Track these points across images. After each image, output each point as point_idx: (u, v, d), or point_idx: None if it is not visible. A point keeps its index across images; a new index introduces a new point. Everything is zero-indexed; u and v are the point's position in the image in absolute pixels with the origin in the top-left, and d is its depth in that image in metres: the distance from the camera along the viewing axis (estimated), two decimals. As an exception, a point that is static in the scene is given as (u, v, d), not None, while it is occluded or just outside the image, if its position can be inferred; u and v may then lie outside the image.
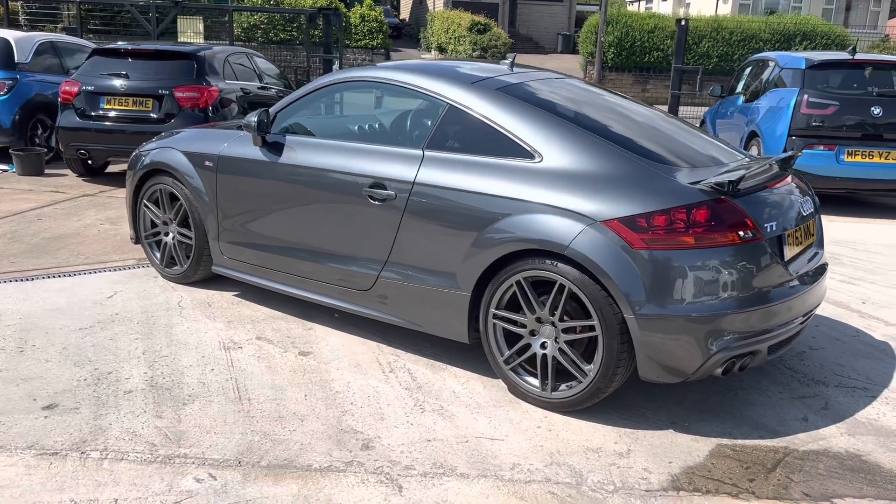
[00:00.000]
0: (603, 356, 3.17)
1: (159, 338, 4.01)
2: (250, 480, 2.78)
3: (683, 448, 3.15)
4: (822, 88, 7.71)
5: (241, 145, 4.34)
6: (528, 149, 3.44)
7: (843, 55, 8.12)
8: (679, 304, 3.06)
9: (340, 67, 11.69)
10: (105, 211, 6.87)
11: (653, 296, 3.06)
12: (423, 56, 33.57)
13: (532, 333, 3.40)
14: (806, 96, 7.61)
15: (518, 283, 3.35)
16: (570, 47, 33.88)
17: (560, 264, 3.22)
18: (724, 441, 3.22)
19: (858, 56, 8.03)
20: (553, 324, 3.32)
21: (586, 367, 3.24)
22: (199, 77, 8.02)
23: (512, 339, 3.50)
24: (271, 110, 4.25)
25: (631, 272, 3.07)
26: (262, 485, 2.76)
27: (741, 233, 3.12)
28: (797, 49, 23.08)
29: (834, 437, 3.29)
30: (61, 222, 6.36)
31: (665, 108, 22.75)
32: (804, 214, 3.56)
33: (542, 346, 3.38)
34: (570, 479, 2.88)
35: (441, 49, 31.22)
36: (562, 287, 3.24)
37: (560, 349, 3.32)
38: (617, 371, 3.18)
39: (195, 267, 4.70)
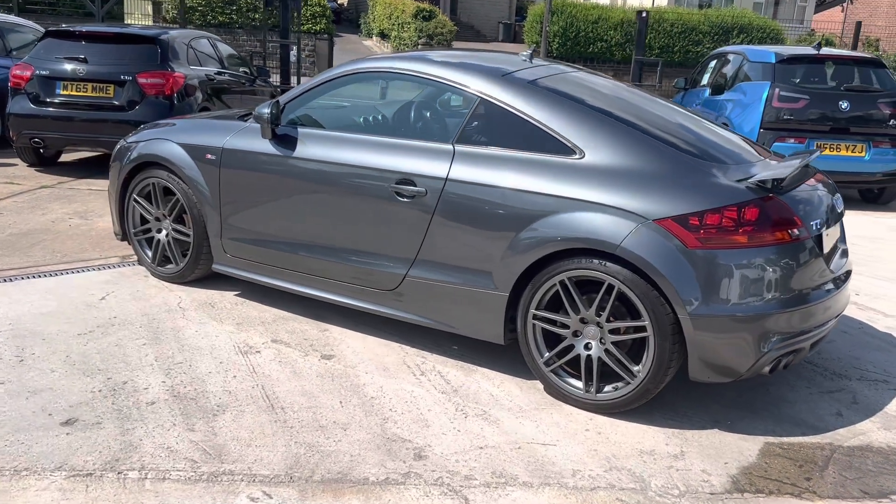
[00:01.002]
0: (654, 357, 3.12)
1: (168, 343, 3.78)
2: (308, 497, 2.63)
3: (734, 448, 3.13)
4: (792, 83, 7.87)
5: (247, 138, 4.12)
6: (569, 145, 3.35)
7: (810, 50, 8.29)
8: (733, 304, 3.03)
9: (299, 54, 11.37)
10: (70, 204, 6.48)
11: (707, 295, 3.02)
12: (364, 42, 33.10)
13: (575, 334, 3.32)
14: (777, 90, 7.75)
15: (562, 282, 3.27)
16: (512, 36, 33.94)
17: (609, 264, 3.15)
18: (771, 439, 3.21)
19: (824, 51, 8.22)
20: (599, 324, 3.25)
21: (635, 368, 3.19)
22: (163, 62, 7.66)
23: (550, 339, 3.42)
24: (280, 101, 4.04)
25: (686, 272, 3.03)
26: (321, 502, 2.61)
27: (791, 231, 3.10)
28: (734, 42, 23.64)
29: (871, 432, 3.33)
30: (26, 217, 5.97)
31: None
32: (837, 212, 3.58)
33: (586, 346, 3.31)
34: (633, 484, 2.83)
35: (383, 35, 30.85)
36: (610, 287, 3.17)
37: (606, 350, 3.25)
38: (668, 372, 3.14)
39: (193, 265, 4.46)
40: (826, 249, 3.37)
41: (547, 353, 3.39)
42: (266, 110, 3.88)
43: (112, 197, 4.75)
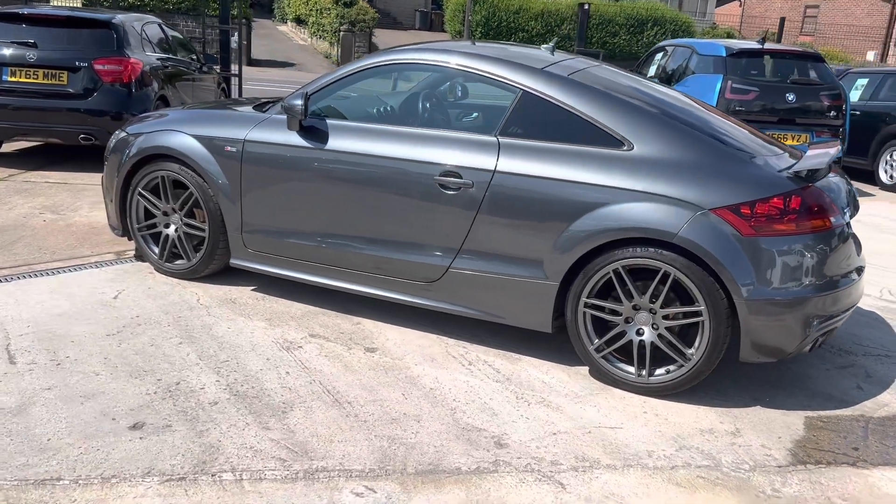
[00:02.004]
0: (709, 340, 3.28)
1: (205, 341, 3.68)
2: (410, 490, 2.65)
3: (780, 423, 3.33)
4: (743, 75, 8.26)
5: (271, 130, 4.04)
6: (617, 137, 3.45)
7: (754, 45, 8.72)
8: (783, 288, 3.22)
9: (240, 39, 11.05)
10: (34, 197, 6.15)
11: (761, 280, 3.19)
12: (279, 28, 32.39)
13: (627, 321, 3.44)
14: (730, 82, 8.13)
15: (616, 271, 3.38)
16: (428, 24, 33.95)
17: (665, 252, 3.28)
18: (810, 413, 3.43)
19: (767, 46, 8.66)
20: (651, 310, 3.38)
21: (689, 352, 3.33)
22: (119, 48, 7.33)
23: (599, 326, 3.53)
24: (306, 92, 3.98)
25: (741, 258, 3.19)
26: (427, 494, 2.64)
27: (829, 218, 3.31)
28: (649, 34, 24.51)
29: (893, 403, 3.60)
30: (-8, 212, 5.63)
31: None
32: (856, 202, 3.83)
33: (638, 332, 3.43)
34: (706, 461, 2.97)
35: (299, 21, 30.29)
36: (666, 274, 3.30)
37: (659, 335, 3.39)
38: (720, 354, 3.30)
39: (207, 261, 4.34)
40: (853, 235, 3.61)
41: (597, 340, 3.49)
42: (298, 102, 3.82)
43: (111, 191, 4.55)
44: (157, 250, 4.49)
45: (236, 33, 11.19)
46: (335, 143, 3.87)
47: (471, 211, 3.59)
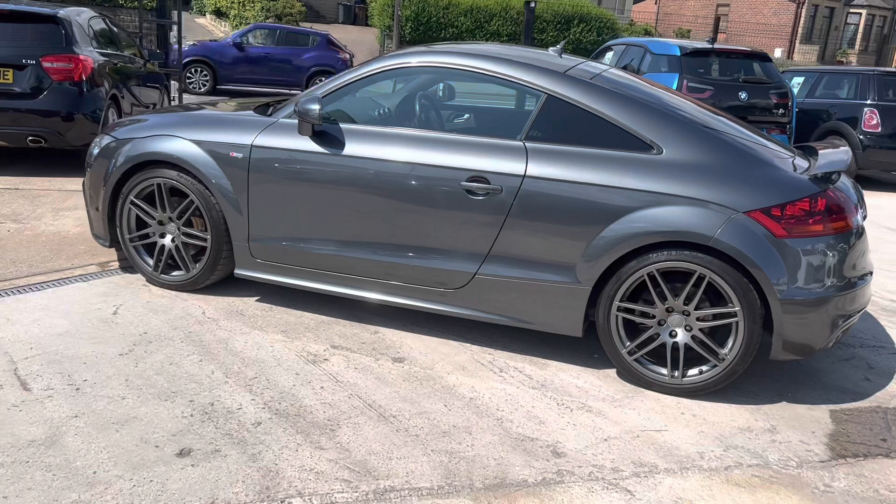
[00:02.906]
0: (743, 340, 3.34)
1: (226, 357, 3.52)
2: (485, 506, 2.60)
3: (808, 418, 3.43)
4: (698, 74, 8.50)
5: (280, 134, 3.89)
6: (646, 141, 3.48)
7: (705, 44, 8.98)
8: (813, 287, 3.32)
9: (180, 33, 10.60)
10: (-12, 206, 5.76)
11: (794, 281, 3.28)
12: (196, 20, 31.37)
13: (660, 323, 3.48)
14: (686, 81, 8.35)
15: (650, 274, 3.41)
16: (352, 18, 33.57)
17: (700, 254, 3.32)
18: (832, 407, 3.56)
19: (717, 46, 8.93)
20: (685, 312, 3.43)
21: (722, 352, 3.40)
22: (68, 45, 6.94)
23: (629, 329, 3.56)
24: (319, 95, 3.85)
25: (775, 260, 3.27)
26: (502, 509, 2.59)
27: (850, 219, 3.43)
28: (575, 30, 24.93)
29: (901, 393, 3.77)
30: (-53, 222, 5.25)
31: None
32: (864, 203, 3.98)
33: (671, 334, 3.48)
34: (755, 460, 3.04)
35: (219, 13, 29.45)
36: (701, 277, 3.35)
37: (693, 336, 3.44)
38: (753, 353, 3.38)
39: (209, 272, 4.15)
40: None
41: (629, 343, 3.52)
42: (314, 107, 3.69)
43: (96, 199, 4.30)
44: (150, 262, 4.27)
45: (175, 27, 10.75)
46: (353, 148, 3.76)
47: (499, 216, 3.55)
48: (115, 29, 8.46)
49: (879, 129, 9.30)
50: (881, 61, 37.16)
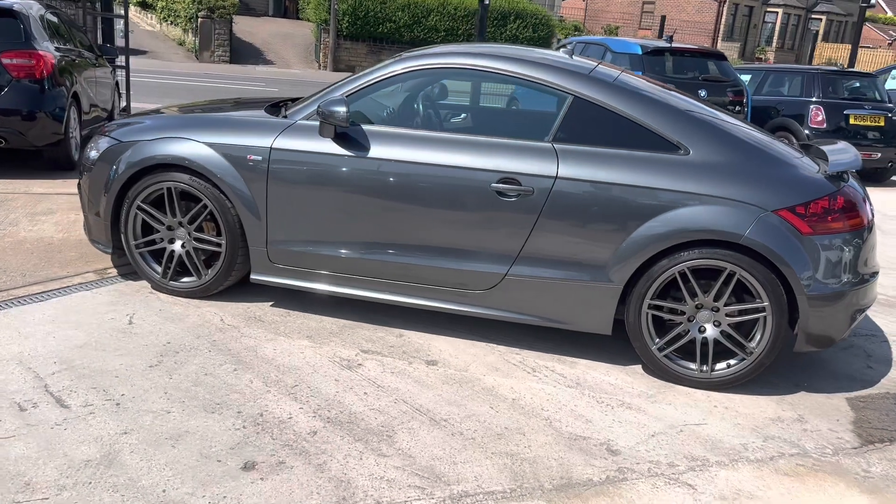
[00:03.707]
0: (771, 334, 3.48)
1: (260, 365, 3.45)
2: (561, 506, 2.64)
3: (829, 406, 3.59)
4: (659, 72, 8.72)
5: (301, 137, 3.83)
6: (673, 142, 3.57)
7: (663, 43, 9.22)
8: (837, 281, 3.47)
9: (127, 26, 10.20)
10: (-44, 211, 5.46)
11: (819, 276, 3.43)
12: (120, 12, 30.26)
13: (689, 319, 3.58)
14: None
15: (681, 272, 3.50)
16: (282, 11, 33.03)
17: (730, 252, 3.43)
18: (847, 395, 3.73)
19: (675, 45, 9.18)
20: (714, 308, 3.54)
21: (751, 345, 3.52)
22: (27, 40, 6.64)
23: (658, 326, 3.65)
24: (342, 96, 3.80)
25: (802, 256, 3.40)
26: (578, 508, 2.64)
27: (865, 215, 3.60)
28: (512, 26, 25.17)
29: (903, 379, 3.98)
30: (-82, 230, 4.95)
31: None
32: (869, 199, 4.17)
33: (700, 330, 3.58)
34: (794, 450, 3.17)
35: (144, 5, 28.52)
36: (731, 274, 3.46)
37: (722, 331, 3.55)
38: (781, 346, 3.51)
39: (223, 278, 4.05)
40: (868, 231, 3.94)
41: (658, 340, 3.61)
42: (341, 109, 3.63)
43: (97, 204, 4.13)
44: (158, 268, 4.13)
45: (122, 21, 10.36)
46: (378, 150, 3.73)
47: (531, 218, 3.59)
48: (66, 22, 8.11)
49: (825, 126, 9.75)
50: (801, 58, 38.84)
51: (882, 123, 9.85)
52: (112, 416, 2.92)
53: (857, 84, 10.37)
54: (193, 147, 3.91)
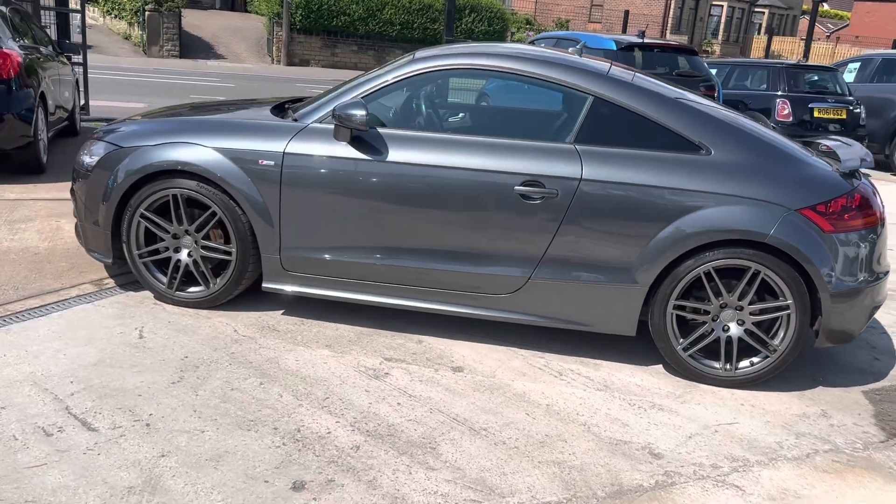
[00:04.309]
0: (795, 331, 3.52)
1: (285, 378, 3.35)
2: (619, 514, 2.62)
3: (848, 401, 3.66)
4: (635, 68, 8.76)
5: (315, 141, 3.72)
6: (695, 142, 3.58)
7: (637, 39, 9.28)
8: (857, 278, 3.53)
9: (84, 22, 9.81)
10: (-71, 220, 5.18)
11: (840, 273, 3.48)
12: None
13: (713, 319, 3.60)
14: (624, 74, 8.57)
15: (706, 272, 3.52)
16: (230, 4, 32.37)
17: (755, 251, 3.46)
18: (862, 388, 3.80)
19: (649, 40, 9.26)
20: (738, 307, 3.56)
21: (775, 343, 3.56)
22: (-7, 39, 6.32)
23: (681, 325, 3.66)
24: (360, 99, 3.71)
25: (824, 254, 3.45)
26: (636, 516, 2.62)
27: (879, 213, 3.67)
28: (467, 20, 25.12)
29: (910, 370, 4.08)
30: None
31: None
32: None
33: (724, 329, 3.60)
34: (827, 446, 3.21)
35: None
36: (756, 273, 3.49)
37: (746, 330, 3.58)
38: (803, 343, 3.56)
39: (233, 287, 3.93)
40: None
41: (683, 340, 3.62)
42: (359, 112, 3.54)
43: (95, 212, 3.96)
44: (163, 278, 3.98)
45: (78, 16, 9.98)
46: (397, 154, 3.65)
47: (555, 220, 3.56)
48: (27, 19, 7.77)
49: (791, 119, 9.96)
50: (746, 51, 39.77)
51: (844, 116, 10.11)
52: (144, 438, 2.80)
53: (819, 78, 10.62)
54: (201, 152, 3.77)
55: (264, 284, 3.89)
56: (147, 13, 22.67)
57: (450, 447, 2.93)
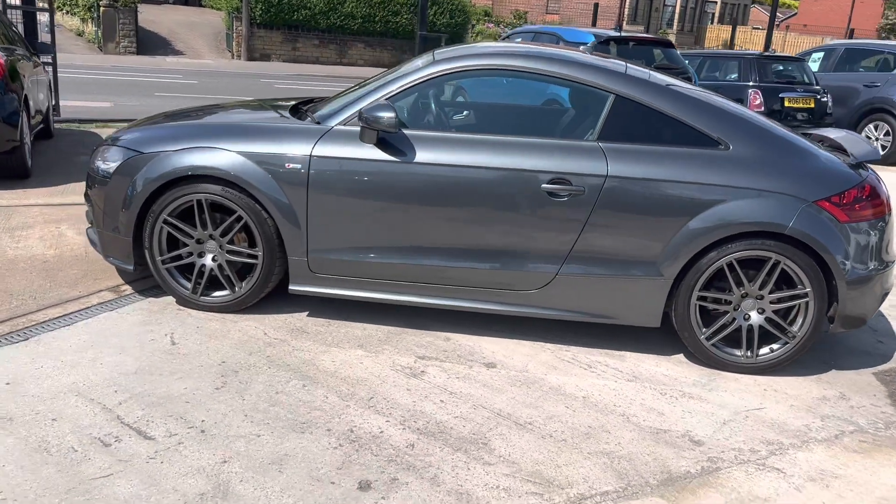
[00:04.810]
0: (813, 318, 3.67)
1: (325, 379, 3.39)
2: (672, 501, 2.73)
3: (862, 382, 3.82)
4: (613, 61, 8.90)
5: (342, 143, 3.75)
6: (714, 137, 3.69)
7: (613, 33, 9.43)
8: (870, 266, 3.69)
9: (52, 21, 9.57)
10: (-75, 230, 5.07)
11: (855, 261, 3.63)
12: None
13: (735, 308, 3.73)
14: (605, 68, 8.72)
15: (728, 263, 3.64)
16: (185, -1, 31.79)
17: (775, 242, 3.59)
18: (872, 370, 3.98)
19: (624, 34, 9.41)
20: (758, 297, 3.70)
21: (793, 330, 3.70)
22: (-24, 41, 6.18)
23: (702, 315, 3.78)
24: (388, 101, 3.75)
25: (840, 243, 3.60)
26: (689, 502, 2.73)
27: (887, 202, 3.84)
28: (429, 13, 25.05)
29: (912, 351, 4.28)
30: None
31: (364, 70, 23.04)
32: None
33: (745, 317, 3.74)
34: (851, 426, 3.36)
35: (38, -4, 26.84)
36: (776, 263, 3.62)
37: (766, 318, 3.72)
38: (820, 329, 3.71)
39: (259, 290, 3.93)
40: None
41: (705, 329, 3.74)
42: (388, 114, 3.57)
43: (115, 218, 3.93)
44: (187, 283, 3.97)
45: (47, 14, 9.75)
46: (424, 155, 3.69)
47: (581, 216, 3.64)
48: (2, 20, 7.59)
49: (762, 109, 10.23)
50: (701, 40, 40.48)
51: (812, 105, 10.42)
52: (202, 444, 2.81)
53: (788, 68, 10.92)
54: (225, 156, 3.76)
55: (291, 287, 3.91)
56: (102, 9, 22.16)
57: (500, 442, 3.00)
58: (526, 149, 3.68)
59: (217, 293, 3.98)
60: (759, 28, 38.57)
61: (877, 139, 10.54)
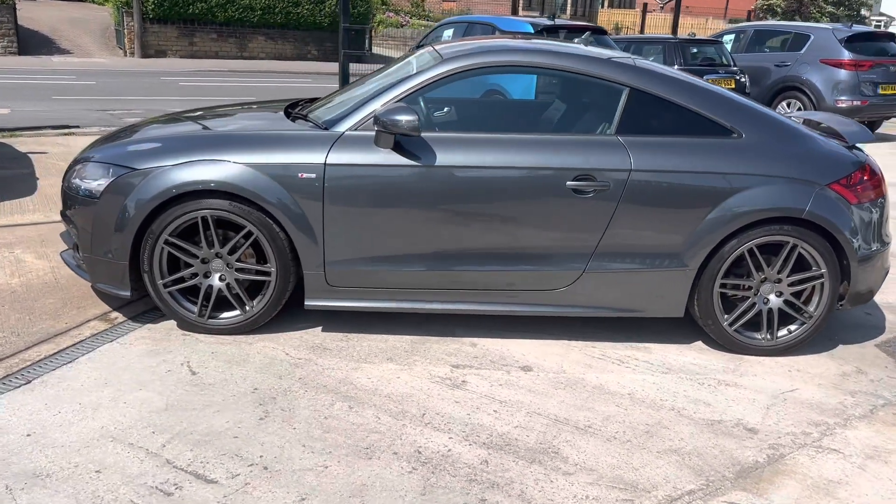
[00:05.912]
0: (829, 298, 3.79)
1: (369, 398, 3.24)
2: (755, 493, 2.75)
3: (871, 355, 3.98)
4: (552, 49, 8.96)
5: (357, 149, 3.58)
6: (727, 126, 3.74)
7: (548, 21, 9.48)
8: (877, 244, 3.84)
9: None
10: None
11: (864, 240, 3.77)
12: None
13: (755, 293, 3.81)
14: (545, 56, 8.76)
15: (749, 249, 3.71)
16: (69, -6, 29.94)
17: (793, 226, 3.68)
18: (873, 342, 4.15)
19: (560, 22, 9.49)
20: (776, 280, 3.79)
21: (810, 310, 3.81)
22: None
23: (723, 302, 3.85)
24: (402, 103, 3.60)
25: (852, 224, 3.72)
26: (771, 492, 2.76)
27: (884, 183, 4.00)
28: (330, 2, 24.54)
29: (901, 321, 4.50)
30: None
31: (267, 63, 22.23)
32: None
33: (764, 301, 3.82)
34: (881, 400, 3.50)
35: None
36: (794, 246, 3.71)
37: (785, 300, 3.81)
38: (834, 307, 3.84)
39: (272, 308, 3.72)
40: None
41: (727, 316, 3.80)
42: (408, 117, 3.42)
43: (108, 242, 3.62)
44: (192, 307, 3.71)
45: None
46: (445, 157, 3.57)
47: (607, 212, 3.62)
48: None
49: (689, 91, 10.53)
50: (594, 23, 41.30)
51: (733, 85, 10.82)
52: (271, 482, 2.63)
53: (707, 50, 11.29)
54: (231, 169, 3.53)
55: (307, 302, 3.71)
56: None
57: (570, 449, 2.94)
58: (547, 146, 3.62)
59: (225, 314, 3.73)
60: (650, 11, 39.82)
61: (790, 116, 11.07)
